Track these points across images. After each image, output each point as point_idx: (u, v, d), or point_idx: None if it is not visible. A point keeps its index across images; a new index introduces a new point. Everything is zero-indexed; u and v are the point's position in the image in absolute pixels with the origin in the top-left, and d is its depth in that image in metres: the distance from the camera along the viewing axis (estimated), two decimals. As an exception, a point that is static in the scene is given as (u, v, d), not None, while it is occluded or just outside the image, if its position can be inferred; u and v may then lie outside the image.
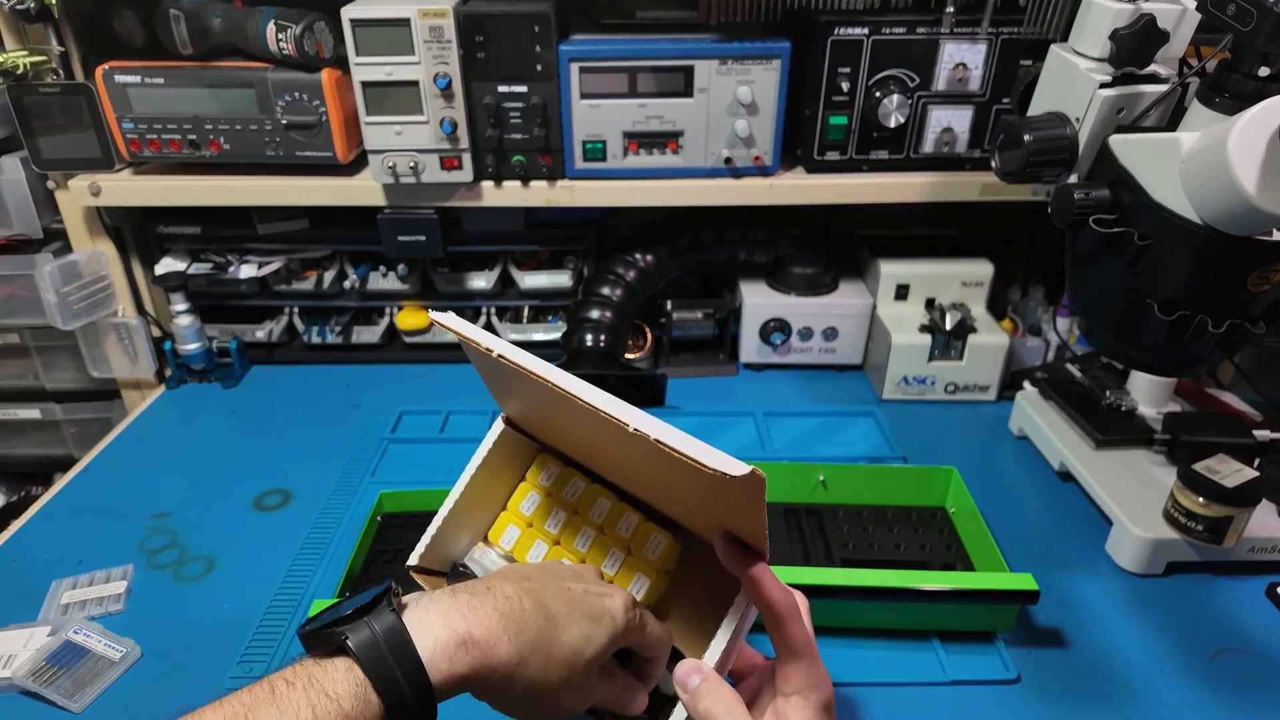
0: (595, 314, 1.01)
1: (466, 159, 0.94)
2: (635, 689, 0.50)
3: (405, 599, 0.42)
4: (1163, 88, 0.63)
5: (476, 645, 0.40)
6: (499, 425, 0.59)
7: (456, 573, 0.59)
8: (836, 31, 0.89)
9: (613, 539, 0.57)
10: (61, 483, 0.90)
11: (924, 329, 0.99)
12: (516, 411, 0.59)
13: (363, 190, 0.98)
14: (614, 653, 0.47)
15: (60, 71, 0.95)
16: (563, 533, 0.58)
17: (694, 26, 0.94)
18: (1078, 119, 0.65)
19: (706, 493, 0.46)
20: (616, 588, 0.49)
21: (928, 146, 0.95)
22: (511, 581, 0.45)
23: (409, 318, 1.09)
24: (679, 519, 0.56)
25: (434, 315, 0.52)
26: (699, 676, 0.46)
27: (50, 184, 0.99)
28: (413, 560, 0.57)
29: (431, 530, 0.57)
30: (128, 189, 0.97)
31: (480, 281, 1.09)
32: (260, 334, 1.10)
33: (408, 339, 1.12)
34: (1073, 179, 0.66)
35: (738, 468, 0.38)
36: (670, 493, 0.53)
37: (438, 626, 0.40)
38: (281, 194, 0.98)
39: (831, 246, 1.09)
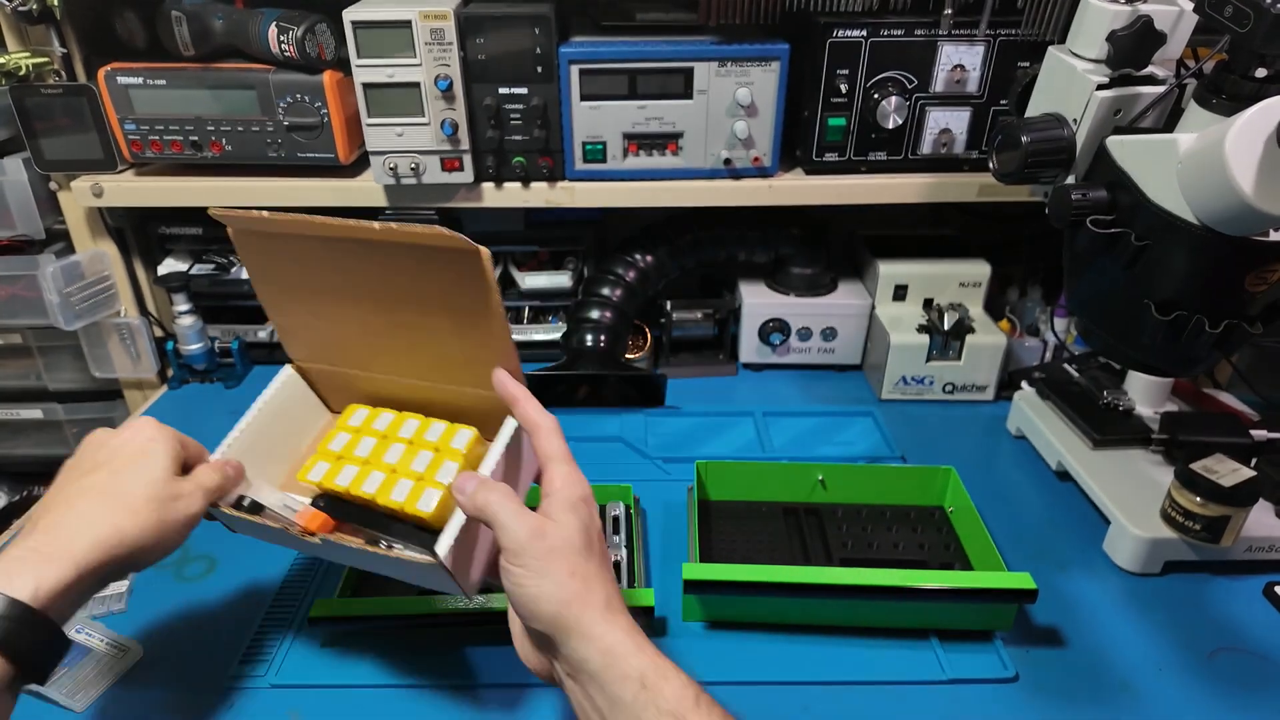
0: (595, 314, 1.01)
1: (467, 160, 0.94)
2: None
3: None
4: (1160, 89, 0.64)
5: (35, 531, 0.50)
6: (286, 370, 0.71)
7: (240, 504, 0.62)
8: (835, 33, 0.89)
9: (421, 446, 0.64)
10: (63, 482, 0.90)
11: (922, 329, 1.00)
12: (304, 346, 0.70)
13: (364, 191, 0.98)
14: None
15: (62, 73, 0.96)
16: (373, 454, 0.64)
17: (693, 28, 0.94)
18: (1075, 120, 0.65)
19: (448, 306, 0.58)
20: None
21: (926, 148, 0.96)
22: None
23: (409, 318, 1.09)
24: (465, 387, 0.65)
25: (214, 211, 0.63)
26: (474, 481, 0.51)
27: (52, 185, 1.00)
28: None
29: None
30: (130, 190, 0.98)
31: (481, 282, 1.09)
32: (262, 334, 1.10)
33: (408, 339, 1.12)
34: (1070, 180, 0.67)
35: (458, 241, 0.50)
36: (444, 350, 0.63)
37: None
38: (283, 195, 0.98)
39: (830, 247, 1.10)
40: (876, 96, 0.92)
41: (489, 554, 0.56)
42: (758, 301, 1.06)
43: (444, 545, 0.52)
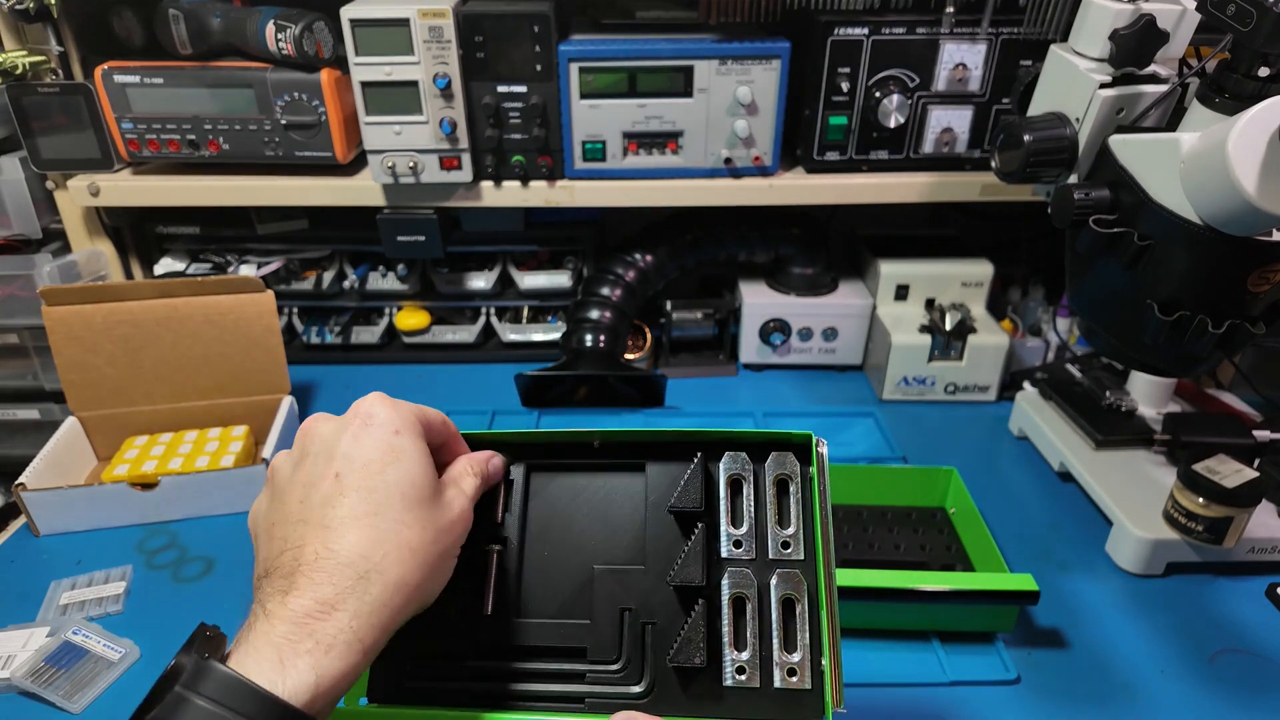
0: (595, 314, 1.01)
1: (466, 159, 0.94)
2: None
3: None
4: (1163, 88, 0.63)
5: (315, 619, 0.35)
6: (70, 420, 0.88)
7: None
8: (836, 31, 0.89)
9: (203, 443, 0.87)
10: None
11: (924, 329, 0.99)
12: (91, 396, 0.87)
13: (362, 190, 0.98)
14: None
15: (59, 71, 0.95)
16: (165, 455, 0.86)
17: (693, 26, 0.94)
18: (1077, 119, 0.65)
19: (238, 334, 0.87)
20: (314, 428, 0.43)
21: (928, 147, 0.95)
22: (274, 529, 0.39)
23: (408, 318, 1.09)
24: (242, 397, 0.91)
25: None
26: None
27: (49, 184, 0.99)
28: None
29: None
30: (127, 189, 0.97)
31: (480, 282, 1.09)
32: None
33: (407, 339, 1.12)
34: (1072, 179, 0.66)
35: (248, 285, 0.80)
36: (228, 367, 0.89)
37: (270, 640, 0.35)
38: (281, 194, 0.98)
39: (831, 247, 1.09)
40: (878, 95, 0.91)
41: None
42: (758, 301, 1.06)
43: None
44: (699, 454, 0.46)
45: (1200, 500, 0.71)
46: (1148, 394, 0.88)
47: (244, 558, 0.78)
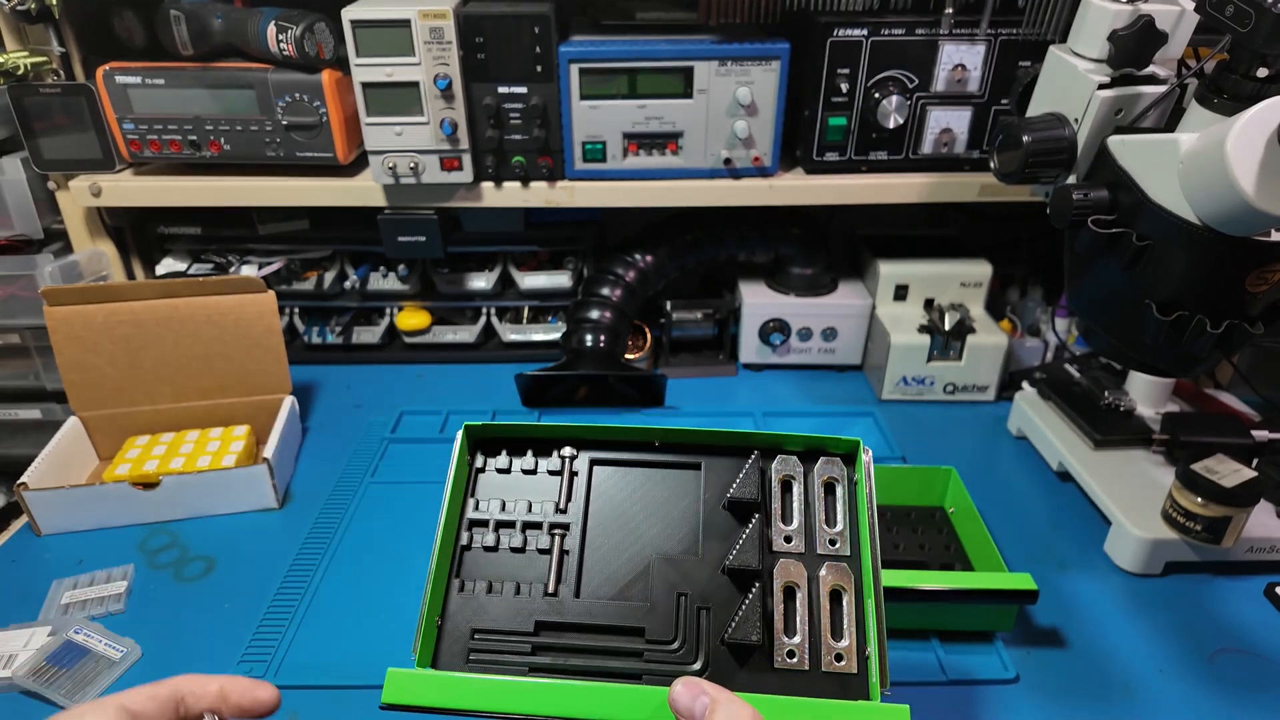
0: (595, 314, 1.01)
1: (466, 160, 0.94)
2: None
3: None
4: (1161, 89, 0.63)
5: None
6: (71, 420, 0.88)
7: None
8: (835, 33, 0.89)
9: (205, 443, 0.87)
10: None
11: (923, 329, 0.99)
12: (92, 396, 0.87)
13: (363, 191, 0.98)
14: None
15: (61, 72, 0.95)
16: (166, 454, 0.85)
17: (693, 28, 0.94)
18: (1076, 120, 0.65)
19: (238, 333, 0.86)
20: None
21: (927, 147, 0.95)
22: None
23: (409, 318, 1.09)
24: (244, 396, 0.91)
25: None
26: (707, 698, 0.40)
27: (51, 184, 0.99)
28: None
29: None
30: (128, 189, 0.98)
31: (480, 282, 1.09)
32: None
33: (408, 339, 1.12)
34: (1071, 180, 0.67)
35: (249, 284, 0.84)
36: (229, 367, 0.89)
37: None
38: (282, 194, 0.98)
39: (831, 247, 1.09)
40: (877, 96, 0.92)
41: None
42: (758, 301, 1.06)
43: None
44: (755, 452, 0.51)
45: (1199, 500, 0.71)
46: (1146, 394, 0.89)
47: (245, 557, 0.78)
